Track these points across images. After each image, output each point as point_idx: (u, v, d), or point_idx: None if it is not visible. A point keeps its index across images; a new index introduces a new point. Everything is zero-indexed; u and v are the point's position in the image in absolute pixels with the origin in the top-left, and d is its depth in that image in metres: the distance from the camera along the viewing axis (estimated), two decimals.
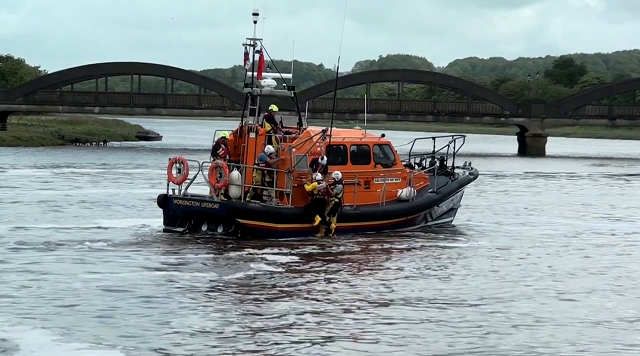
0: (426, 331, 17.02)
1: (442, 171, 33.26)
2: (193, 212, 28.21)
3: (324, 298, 19.67)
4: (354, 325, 17.32)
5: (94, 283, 20.33)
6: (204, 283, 20.90)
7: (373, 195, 30.26)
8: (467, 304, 19.63)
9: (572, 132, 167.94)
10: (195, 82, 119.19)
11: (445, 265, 24.86)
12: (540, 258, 26.48)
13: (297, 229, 27.98)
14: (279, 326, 17.01)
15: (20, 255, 23.91)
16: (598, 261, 26.38)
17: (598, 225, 35.61)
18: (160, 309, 18.11)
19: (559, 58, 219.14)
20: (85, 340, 15.70)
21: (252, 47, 28.92)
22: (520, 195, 49.14)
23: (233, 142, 29.62)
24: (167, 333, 16.32)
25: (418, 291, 20.93)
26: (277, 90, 30.24)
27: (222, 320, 17.40)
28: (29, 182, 46.45)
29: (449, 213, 33.71)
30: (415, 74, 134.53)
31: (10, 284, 20.09)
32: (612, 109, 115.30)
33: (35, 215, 32.65)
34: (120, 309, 17.98)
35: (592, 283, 22.80)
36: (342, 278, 22.22)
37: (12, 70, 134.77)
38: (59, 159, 68.25)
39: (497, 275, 23.43)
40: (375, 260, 25.68)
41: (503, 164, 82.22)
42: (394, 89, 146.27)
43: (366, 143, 30.75)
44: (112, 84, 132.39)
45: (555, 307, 19.64)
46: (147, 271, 22.06)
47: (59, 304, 18.30)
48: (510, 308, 19.25)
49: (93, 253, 24.32)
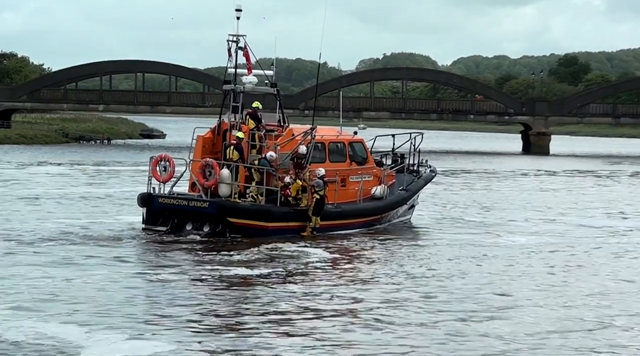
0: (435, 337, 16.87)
1: (409, 169, 33.62)
2: (179, 210, 27.75)
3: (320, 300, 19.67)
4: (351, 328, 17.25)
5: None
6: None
7: (349, 193, 30.27)
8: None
9: (577, 130, 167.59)
10: (199, 80, 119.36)
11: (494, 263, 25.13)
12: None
13: (287, 227, 27.97)
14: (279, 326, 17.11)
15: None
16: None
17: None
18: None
19: (563, 56, 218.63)
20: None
21: (235, 43, 28.86)
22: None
23: (211, 139, 29.51)
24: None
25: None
26: (260, 87, 30.14)
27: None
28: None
29: (410, 210, 33.91)
30: (419, 72, 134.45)
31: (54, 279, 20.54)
32: (617, 108, 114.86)
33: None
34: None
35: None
36: (343, 282, 22.10)
37: (17, 68, 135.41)
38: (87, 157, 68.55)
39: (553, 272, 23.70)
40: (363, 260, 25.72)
41: (510, 162, 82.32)
42: (397, 87, 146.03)
43: (342, 141, 30.76)
44: (116, 82, 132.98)
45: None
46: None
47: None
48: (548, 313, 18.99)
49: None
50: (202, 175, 27.97)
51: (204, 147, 29.31)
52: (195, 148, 29.28)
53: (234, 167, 28.02)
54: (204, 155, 28.80)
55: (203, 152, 29.13)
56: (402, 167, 33.41)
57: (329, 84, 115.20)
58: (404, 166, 33.50)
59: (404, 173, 33.13)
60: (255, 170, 28.09)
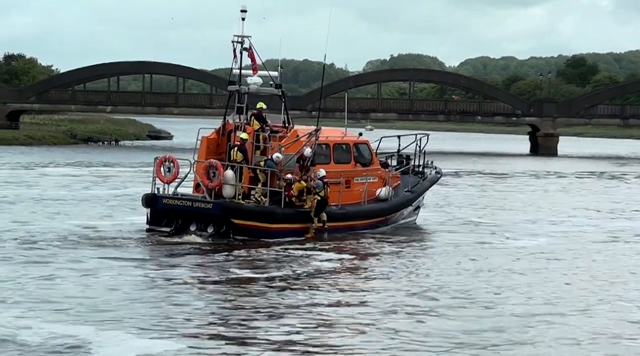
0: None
1: (414, 170, 33.56)
2: (184, 211, 27.69)
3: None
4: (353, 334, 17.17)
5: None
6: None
7: (353, 195, 30.20)
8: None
9: (584, 131, 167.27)
10: (207, 81, 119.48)
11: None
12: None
13: (291, 229, 27.90)
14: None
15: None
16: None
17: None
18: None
19: (570, 57, 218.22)
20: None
21: (240, 44, 28.86)
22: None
23: (216, 140, 29.50)
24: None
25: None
26: (265, 88, 30.14)
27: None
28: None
29: (415, 211, 33.84)
30: (426, 73, 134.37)
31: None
32: (625, 109, 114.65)
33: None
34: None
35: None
36: (348, 285, 22.09)
37: (25, 69, 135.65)
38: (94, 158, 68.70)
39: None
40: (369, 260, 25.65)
41: (518, 164, 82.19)
42: (405, 88, 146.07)
43: (347, 143, 30.68)
44: (124, 83, 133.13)
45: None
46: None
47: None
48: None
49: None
50: (206, 176, 27.94)
51: (209, 148, 29.28)
52: (200, 149, 29.23)
53: (238, 168, 27.99)
54: (209, 156, 28.75)
55: (207, 152, 29.09)
56: (408, 169, 33.35)
57: (336, 85, 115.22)
58: (409, 167, 33.45)
59: (409, 174, 33.07)
60: (260, 171, 28.07)
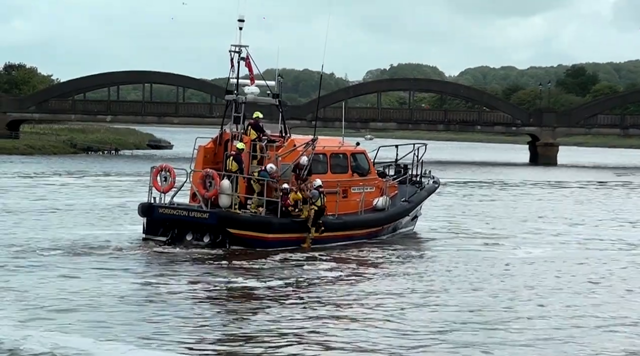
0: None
1: (412, 180, 33.57)
2: (180, 221, 27.67)
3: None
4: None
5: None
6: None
7: (350, 204, 30.16)
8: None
9: (584, 141, 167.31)
10: (207, 90, 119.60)
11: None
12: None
13: (287, 239, 27.84)
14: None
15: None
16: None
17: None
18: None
19: (570, 67, 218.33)
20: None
21: (238, 53, 28.89)
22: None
23: (212, 150, 29.47)
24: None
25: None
26: (262, 98, 30.15)
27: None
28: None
29: (413, 221, 33.81)
30: (426, 83, 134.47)
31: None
32: (625, 119, 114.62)
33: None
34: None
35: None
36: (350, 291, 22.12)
37: (25, 79, 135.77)
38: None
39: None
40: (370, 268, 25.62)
41: (518, 173, 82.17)
42: (405, 97, 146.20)
43: (344, 152, 30.67)
44: (124, 93, 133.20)
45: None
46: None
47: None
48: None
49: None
50: (203, 185, 27.92)
51: (205, 158, 29.26)
52: (197, 159, 29.20)
53: (235, 177, 27.95)
54: (205, 166, 28.73)
55: (204, 162, 29.06)
56: (405, 178, 33.30)
57: (336, 94, 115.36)
58: (407, 177, 33.39)
59: (406, 184, 33.03)
60: (255, 182, 28.02)
